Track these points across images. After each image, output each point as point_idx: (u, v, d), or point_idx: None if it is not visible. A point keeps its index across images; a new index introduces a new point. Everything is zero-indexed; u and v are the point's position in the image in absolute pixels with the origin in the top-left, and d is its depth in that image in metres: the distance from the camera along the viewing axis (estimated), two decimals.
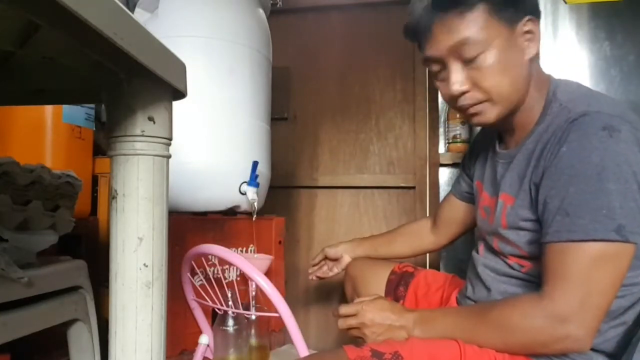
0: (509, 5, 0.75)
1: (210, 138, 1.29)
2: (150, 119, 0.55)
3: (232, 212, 1.36)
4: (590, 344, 0.68)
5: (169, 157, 0.58)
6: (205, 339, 1.11)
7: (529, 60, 0.78)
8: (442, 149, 1.80)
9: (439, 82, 0.82)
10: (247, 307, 1.10)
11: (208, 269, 1.13)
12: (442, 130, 1.81)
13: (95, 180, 1.40)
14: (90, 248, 1.33)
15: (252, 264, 0.94)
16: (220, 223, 1.36)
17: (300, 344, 0.91)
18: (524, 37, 0.77)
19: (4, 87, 0.71)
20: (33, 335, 0.76)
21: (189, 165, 1.24)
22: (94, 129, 1.39)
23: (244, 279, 1.22)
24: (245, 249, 1.41)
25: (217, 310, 1.08)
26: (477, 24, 0.74)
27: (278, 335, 1.51)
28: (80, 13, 0.36)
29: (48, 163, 1.18)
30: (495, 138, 0.90)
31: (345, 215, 1.94)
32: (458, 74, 0.77)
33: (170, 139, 0.58)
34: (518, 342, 0.71)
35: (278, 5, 1.88)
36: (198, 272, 1.10)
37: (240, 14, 1.36)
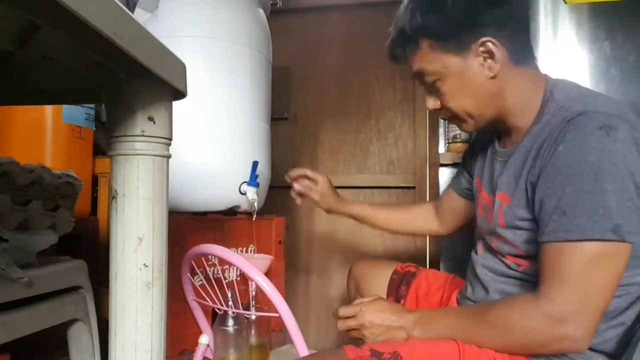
0: (453, 36, 0.77)
1: (210, 138, 1.29)
2: (150, 119, 0.55)
3: (232, 212, 1.37)
4: (588, 344, 0.67)
5: (169, 157, 0.58)
6: (205, 339, 1.11)
7: (493, 78, 0.78)
8: (442, 149, 1.80)
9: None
10: (247, 307, 1.10)
11: (208, 269, 1.13)
12: (442, 130, 1.81)
13: (95, 180, 1.40)
14: (90, 248, 1.33)
15: (252, 264, 0.94)
16: (220, 223, 1.36)
17: (300, 344, 0.91)
18: (482, 56, 0.78)
19: (4, 87, 0.71)
20: (33, 335, 0.76)
21: (189, 165, 1.24)
22: (94, 129, 1.39)
23: (244, 279, 1.22)
24: (245, 249, 1.41)
25: (217, 310, 1.08)
26: (425, 59, 0.80)
27: (278, 335, 1.51)
28: (80, 13, 0.36)
29: (48, 163, 1.18)
30: (495, 137, 0.90)
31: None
32: (428, 95, 0.86)
33: (170, 139, 0.58)
34: (516, 342, 0.71)
35: (278, 5, 1.88)
36: (198, 272, 1.10)
37: (240, 14, 1.36)
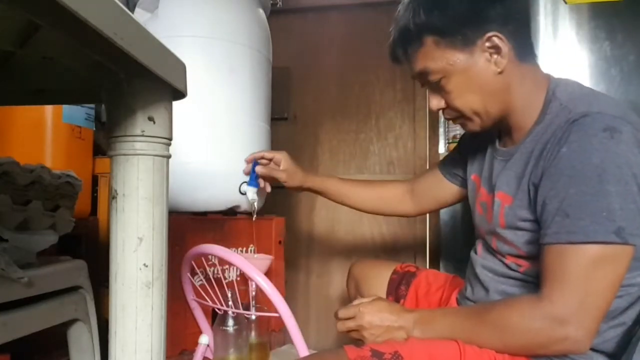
0: (459, 31, 0.75)
1: (210, 138, 1.29)
2: (150, 119, 0.55)
3: (232, 212, 1.36)
4: (589, 345, 0.67)
5: (169, 157, 0.58)
6: (205, 339, 1.10)
7: (500, 73, 0.77)
8: (442, 149, 1.80)
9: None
10: (247, 307, 1.10)
11: (208, 269, 1.13)
12: (442, 130, 1.81)
13: (95, 180, 1.40)
14: (90, 248, 1.33)
15: (252, 264, 0.94)
16: (220, 223, 1.35)
17: (300, 344, 0.91)
18: (488, 52, 0.76)
19: (4, 87, 0.71)
20: (33, 335, 0.76)
21: (189, 165, 1.24)
22: (94, 129, 1.39)
23: (244, 279, 1.22)
24: (245, 249, 1.41)
25: (217, 310, 1.08)
26: (429, 56, 0.78)
27: (278, 335, 1.51)
28: (80, 13, 0.36)
29: (48, 163, 1.18)
30: (495, 135, 0.90)
31: (345, 215, 1.94)
32: (432, 95, 0.83)
33: (170, 139, 0.58)
34: (517, 343, 0.71)
35: (278, 5, 1.88)
36: (198, 272, 1.10)
37: (240, 14, 1.36)
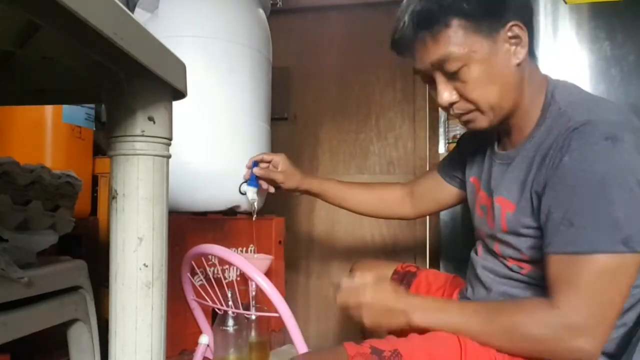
0: (485, 17, 0.73)
1: (210, 138, 1.29)
2: (150, 119, 0.55)
3: (232, 212, 1.36)
4: (598, 356, 0.67)
5: (169, 157, 0.58)
6: (205, 339, 1.10)
7: (518, 65, 0.76)
8: (442, 149, 1.80)
9: (433, 91, 0.82)
10: (247, 307, 1.10)
11: (208, 269, 1.13)
12: (442, 130, 1.81)
13: (95, 180, 1.40)
14: (90, 248, 1.33)
15: (252, 264, 0.94)
16: (220, 223, 1.35)
17: (300, 344, 0.91)
18: (509, 42, 0.75)
19: (4, 87, 0.71)
20: (33, 335, 0.76)
21: (189, 165, 1.24)
22: (94, 129, 1.39)
23: (244, 279, 1.22)
24: (245, 249, 1.41)
25: (217, 310, 1.08)
26: (454, 40, 0.73)
27: (278, 335, 1.51)
28: (80, 13, 0.36)
29: (48, 163, 1.18)
30: (495, 137, 0.89)
31: (345, 216, 1.94)
32: (444, 87, 0.78)
33: (170, 139, 0.58)
34: (527, 347, 0.70)
35: (278, 5, 1.88)
36: (198, 272, 1.10)
37: (240, 14, 1.35)
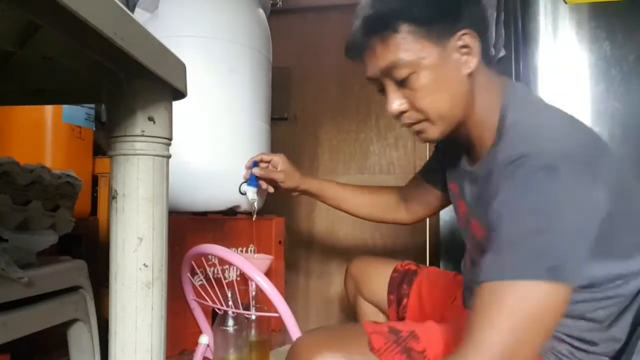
0: (435, 23, 0.72)
1: (210, 138, 1.29)
2: (150, 119, 0.55)
3: (232, 212, 1.36)
4: None
5: (169, 157, 0.58)
6: (205, 339, 1.11)
7: (469, 75, 0.74)
8: None
9: (385, 99, 0.80)
10: (247, 307, 1.10)
11: (208, 269, 1.13)
12: None
13: (95, 180, 1.40)
14: (90, 248, 1.33)
15: (252, 264, 0.94)
16: (220, 223, 1.35)
17: None
18: (459, 52, 0.73)
19: (4, 87, 0.71)
20: (33, 335, 0.76)
21: (189, 165, 1.24)
22: (94, 129, 1.39)
23: (244, 279, 1.22)
24: (245, 249, 1.41)
25: (217, 310, 1.08)
26: (402, 47, 0.72)
27: (278, 335, 1.51)
28: (80, 13, 0.36)
29: (48, 163, 1.18)
30: (463, 150, 0.86)
31: (346, 215, 1.93)
32: (394, 95, 0.76)
33: (170, 139, 0.58)
34: None
35: (278, 5, 1.88)
36: (198, 272, 1.10)
37: (240, 14, 1.36)
